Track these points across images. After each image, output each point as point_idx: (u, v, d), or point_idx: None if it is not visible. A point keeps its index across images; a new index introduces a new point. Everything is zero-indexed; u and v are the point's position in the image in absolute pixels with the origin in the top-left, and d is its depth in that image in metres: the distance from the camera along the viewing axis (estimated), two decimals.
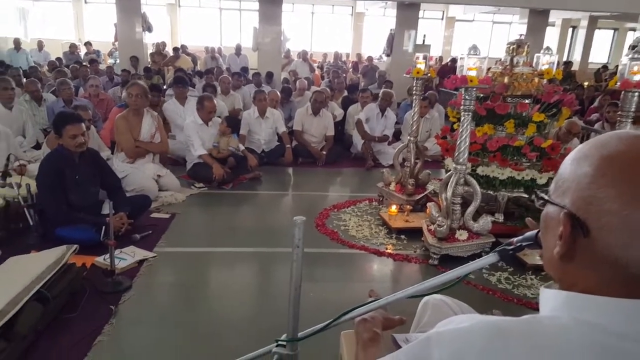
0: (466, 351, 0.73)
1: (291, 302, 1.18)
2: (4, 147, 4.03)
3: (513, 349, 0.70)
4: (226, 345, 2.31)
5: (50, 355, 2.15)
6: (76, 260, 2.81)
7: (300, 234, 1.16)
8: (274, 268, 3.26)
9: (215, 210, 4.32)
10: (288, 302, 1.17)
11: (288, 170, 5.70)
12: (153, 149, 4.55)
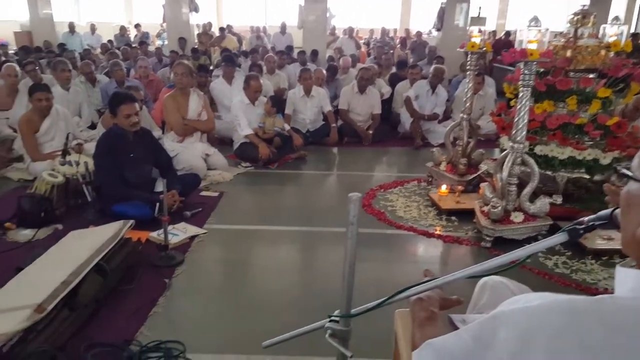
0: (536, 331, 0.68)
1: (345, 278, 1.16)
2: (62, 127, 4.22)
3: (588, 330, 0.65)
4: (275, 320, 2.33)
5: (110, 324, 2.25)
6: (132, 235, 2.91)
7: (355, 211, 1.13)
8: (319, 247, 3.27)
9: (261, 189, 4.36)
10: (342, 279, 1.15)
11: (333, 150, 5.66)
12: (200, 127, 4.62)
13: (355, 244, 1.13)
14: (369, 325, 1.71)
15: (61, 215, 3.41)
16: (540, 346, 0.67)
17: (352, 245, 1.14)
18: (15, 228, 3.16)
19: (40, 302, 1.98)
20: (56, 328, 2.02)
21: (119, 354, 2.03)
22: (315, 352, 2.05)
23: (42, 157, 4.06)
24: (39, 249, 2.74)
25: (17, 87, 5.25)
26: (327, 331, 1.18)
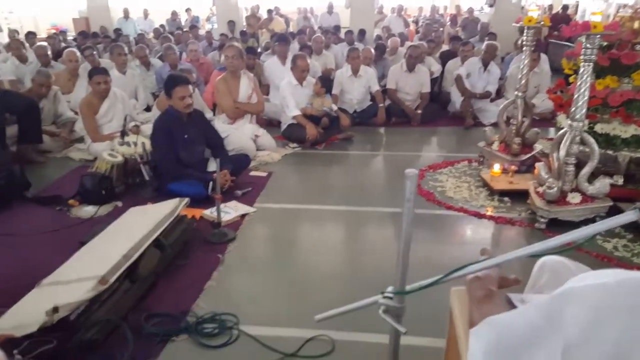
0: (610, 308, 0.66)
1: (400, 255, 1.16)
2: (120, 109, 4.40)
3: None
4: (324, 297, 2.37)
5: (167, 296, 2.36)
6: (186, 212, 3.02)
7: (412, 188, 1.12)
8: (365, 226, 3.27)
9: (309, 170, 4.39)
10: (397, 256, 1.15)
11: (380, 130, 5.60)
12: (250, 109, 4.69)
13: (411, 221, 1.13)
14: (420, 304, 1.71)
15: (120, 193, 3.58)
16: (613, 323, 0.65)
17: (408, 222, 1.13)
18: (78, 205, 3.35)
19: (103, 274, 2.09)
20: (118, 299, 2.14)
21: (177, 324, 2.13)
22: (367, 329, 2.07)
23: (101, 138, 4.25)
24: (100, 225, 2.90)
25: (77, 71, 5.51)
26: (380, 307, 1.19)
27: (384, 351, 1.93)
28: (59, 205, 3.34)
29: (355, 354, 1.99)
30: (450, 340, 1.32)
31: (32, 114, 4.20)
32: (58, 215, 3.24)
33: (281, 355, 1.96)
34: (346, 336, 2.07)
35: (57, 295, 1.95)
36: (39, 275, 2.36)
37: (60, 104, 4.85)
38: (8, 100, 4.05)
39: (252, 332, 2.09)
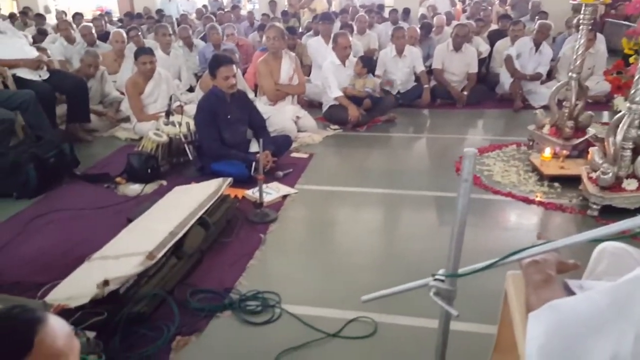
0: None
1: (454, 237, 1.12)
2: (165, 89, 4.47)
3: None
4: (365, 279, 2.35)
5: (212, 273, 2.39)
6: (229, 192, 3.04)
7: (469, 167, 1.06)
8: (407, 210, 3.21)
9: (350, 152, 4.34)
10: (450, 237, 1.11)
11: (424, 112, 5.47)
12: (291, 91, 4.66)
13: (467, 202, 1.08)
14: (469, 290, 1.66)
15: (165, 172, 3.65)
16: None
17: (464, 203, 1.08)
18: (125, 183, 3.43)
19: (151, 250, 2.14)
20: (165, 274, 2.19)
21: (221, 301, 2.16)
22: (411, 313, 2.05)
23: (146, 118, 4.34)
24: (147, 202, 2.97)
25: (123, 52, 5.62)
26: (431, 289, 1.16)
27: (427, 335, 1.92)
28: (107, 182, 3.44)
29: (398, 337, 1.96)
30: (502, 326, 1.28)
31: (81, 93, 4.32)
32: (106, 193, 3.33)
33: (323, 334, 1.96)
34: (389, 319, 2.05)
35: (107, 269, 2.01)
36: (89, 249, 2.43)
37: (107, 84, 4.97)
38: (58, 80, 4.17)
39: (294, 311, 2.10)
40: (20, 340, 0.68)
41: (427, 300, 1.99)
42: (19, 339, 0.68)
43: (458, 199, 1.09)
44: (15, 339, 0.68)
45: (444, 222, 3.00)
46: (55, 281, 2.17)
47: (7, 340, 0.67)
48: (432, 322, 1.97)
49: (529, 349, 0.86)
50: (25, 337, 0.68)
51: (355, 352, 1.89)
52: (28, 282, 2.23)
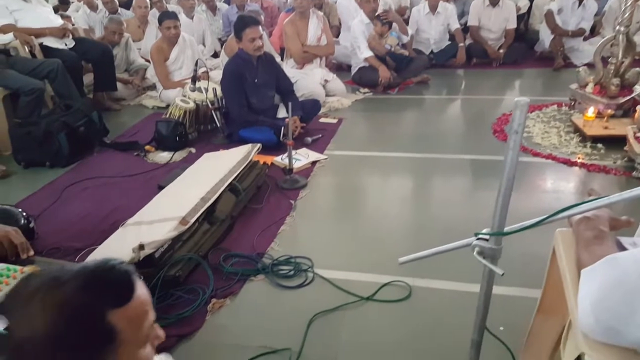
0: None
1: (501, 193, 1.04)
2: (189, 55, 4.41)
3: None
4: (397, 244, 2.31)
5: (244, 238, 2.37)
6: (258, 159, 3.00)
7: (521, 118, 0.97)
8: (440, 174, 3.11)
9: (381, 116, 4.22)
10: (497, 193, 1.04)
11: (459, 73, 5.26)
12: (319, 52, 4.53)
13: (517, 155, 0.99)
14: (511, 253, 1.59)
15: (193, 140, 3.63)
16: None
17: (514, 156, 1.00)
18: (154, 151, 3.43)
19: (183, 216, 2.13)
20: (198, 239, 2.18)
21: (254, 265, 2.15)
22: (450, 277, 2.00)
23: (172, 85, 4.31)
24: (176, 170, 2.96)
25: (147, 18, 5.55)
26: (474, 249, 1.10)
27: (464, 299, 1.87)
28: (137, 150, 3.44)
29: (434, 301, 1.92)
30: (548, 285, 1.22)
31: (107, 61, 4.30)
32: (136, 161, 3.34)
33: (357, 298, 1.93)
34: (424, 283, 2.00)
35: (141, 234, 2.01)
36: (122, 216, 2.47)
37: (132, 51, 4.94)
38: (84, 48, 4.15)
39: (326, 276, 2.07)
40: (125, 288, 0.72)
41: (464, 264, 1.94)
42: (123, 286, 0.72)
43: (507, 152, 1.01)
44: (120, 286, 0.72)
45: (481, 186, 2.89)
46: (92, 246, 2.21)
47: (113, 287, 0.71)
48: (468, 286, 1.93)
49: (583, 305, 0.83)
50: (128, 285, 0.73)
51: (389, 315, 1.86)
52: (66, 247, 2.27)
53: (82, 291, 0.68)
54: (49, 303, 0.67)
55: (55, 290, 0.68)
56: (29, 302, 0.67)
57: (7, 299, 0.73)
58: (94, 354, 0.68)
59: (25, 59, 3.70)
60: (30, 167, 3.25)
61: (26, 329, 0.66)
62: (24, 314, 0.67)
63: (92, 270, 0.72)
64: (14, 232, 1.56)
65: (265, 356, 1.66)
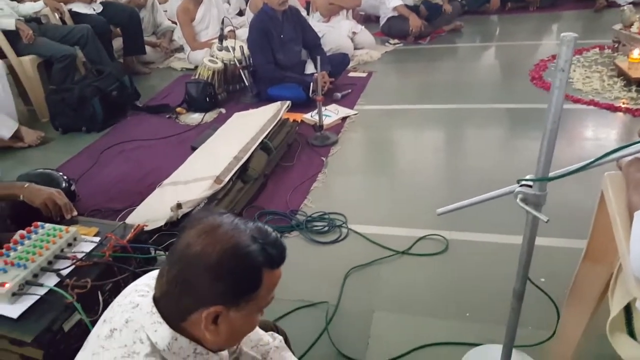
0: None
1: (546, 136, 0.99)
2: (215, 14, 4.35)
3: None
4: (431, 198, 2.27)
5: (277, 196, 2.40)
6: (288, 116, 2.98)
7: (568, 55, 0.91)
8: (475, 124, 3.02)
9: (412, 67, 4.10)
10: (542, 137, 0.99)
11: (493, 19, 5.02)
12: (345, 4, 4.39)
13: (562, 95, 0.94)
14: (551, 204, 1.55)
15: (223, 100, 3.63)
16: None
17: (560, 96, 0.94)
18: (185, 112, 3.46)
19: (218, 174, 2.16)
20: (233, 197, 2.21)
21: (288, 222, 2.17)
22: (488, 229, 1.97)
23: (199, 46, 4.28)
24: (208, 130, 2.98)
25: None
26: (517, 196, 1.06)
27: (504, 250, 1.84)
28: (168, 113, 3.47)
29: (472, 253, 1.90)
30: (595, 232, 1.19)
31: (134, 24, 4.29)
32: (168, 123, 3.37)
33: (392, 252, 1.93)
34: (461, 236, 1.99)
35: (178, 194, 2.06)
36: (158, 177, 2.52)
37: (158, 13, 4.90)
38: (111, 12, 4.15)
39: (361, 231, 2.08)
40: (281, 256, 0.81)
41: (501, 215, 1.91)
42: (280, 254, 0.81)
43: (552, 92, 0.95)
44: (279, 253, 0.81)
45: (519, 135, 2.80)
46: (130, 207, 2.28)
47: (274, 251, 0.80)
48: (507, 238, 1.91)
49: (636, 248, 0.80)
50: (282, 255, 0.82)
51: (427, 268, 1.86)
52: (106, 208, 2.34)
53: (254, 242, 0.77)
54: (227, 239, 0.76)
55: (235, 231, 0.78)
56: (211, 231, 0.77)
57: (189, 218, 0.89)
58: (239, 295, 0.78)
59: (56, 26, 3.73)
60: (67, 132, 3.33)
61: (198, 249, 0.76)
62: (203, 238, 0.76)
63: (264, 231, 0.81)
64: (57, 193, 1.60)
65: (303, 309, 1.70)
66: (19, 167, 2.77)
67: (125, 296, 0.90)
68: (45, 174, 2.31)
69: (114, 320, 0.84)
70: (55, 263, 1.36)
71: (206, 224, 0.79)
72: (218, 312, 0.77)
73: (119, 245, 1.41)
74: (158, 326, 0.79)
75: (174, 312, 0.79)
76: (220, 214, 0.82)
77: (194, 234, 0.78)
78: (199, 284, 0.76)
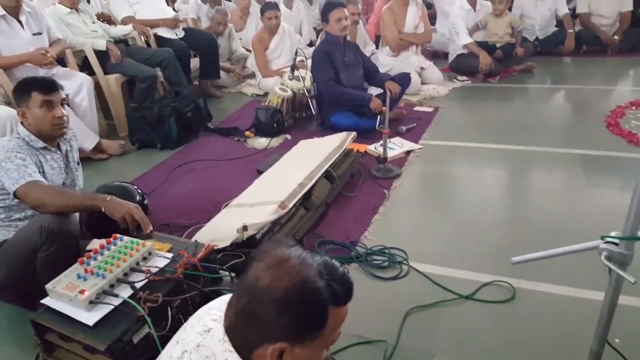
0: None
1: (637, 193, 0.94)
2: (288, 44, 4.52)
3: None
4: (497, 241, 2.19)
5: (338, 225, 2.40)
6: (352, 146, 3.00)
7: None
8: (546, 168, 2.91)
9: (480, 105, 4.04)
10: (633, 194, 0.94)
11: (567, 61, 4.88)
12: (416, 40, 4.42)
13: None
14: None
15: (289, 126, 3.73)
16: None
17: None
18: (253, 136, 3.57)
19: (283, 200, 2.20)
20: (295, 223, 2.24)
21: (347, 253, 2.17)
22: (560, 280, 1.87)
23: (271, 73, 4.44)
24: (274, 155, 3.06)
25: (249, 9, 5.74)
26: (601, 253, 1.01)
27: (577, 305, 1.74)
28: (237, 136, 3.61)
29: (543, 305, 1.80)
30: None
31: (212, 50, 4.53)
32: (236, 145, 3.50)
33: (455, 296, 1.87)
34: (530, 285, 1.89)
35: (243, 216, 2.11)
36: (224, 196, 2.61)
37: (234, 40, 5.15)
38: (192, 38, 4.41)
39: (422, 270, 2.03)
40: (348, 293, 0.84)
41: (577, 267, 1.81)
42: (347, 291, 0.83)
43: None
44: (346, 290, 0.83)
45: (594, 184, 2.67)
46: (197, 224, 2.36)
47: (341, 288, 0.81)
48: (582, 292, 1.80)
49: None
50: (350, 292, 0.84)
51: (492, 316, 1.78)
52: (174, 224, 2.44)
53: (321, 278, 0.78)
54: (294, 274, 0.77)
55: (302, 266, 0.78)
56: (279, 265, 0.78)
57: (258, 249, 0.87)
58: (304, 331, 0.77)
59: (141, 48, 4.01)
60: (143, 147, 3.53)
61: (266, 282, 0.76)
62: (271, 271, 0.77)
63: (332, 266, 0.81)
64: (135, 208, 1.69)
65: (360, 346, 1.66)
66: (97, 178, 2.95)
67: (198, 318, 0.91)
68: (122, 186, 2.45)
69: (185, 342, 0.86)
70: (130, 275, 1.43)
71: (274, 257, 0.80)
72: (283, 348, 0.76)
73: (190, 263, 1.46)
74: (229, 355, 0.80)
75: (242, 343, 0.80)
76: (289, 246, 0.83)
77: (263, 266, 0.78)
78: (265, 317, 0.76)
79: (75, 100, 3.23)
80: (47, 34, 3.28)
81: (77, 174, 2.06)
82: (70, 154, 2.02)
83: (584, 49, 4.97)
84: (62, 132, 1.91)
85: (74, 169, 2.03)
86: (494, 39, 4.44)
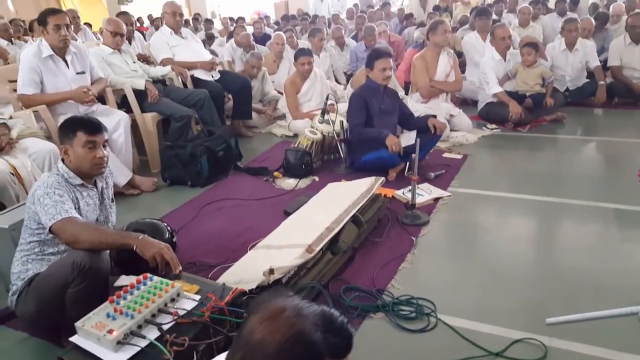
0: None
1: None
2: (319, 88, 4.63)
3: None
4: (530, 296, 2.13)
5: (364, 271, 2.37)
6: (380, 191, 3.00)
7: None
8: (577, 221, 2.84)
9: (509, 154, 4.00)
10: None
11: (598, 112, 4.83)
12: (447, 88, 4.47)
13: None
14: None
15: (317, 169, 3.76)
16: None
17: None
18: (281, 177, 3.62)
19: (310, 243, 2.20)
20: (321, 268, 2.23)
21: (373, 301, 2.13)
22: (594, 341, 1.78)
23: (301, 116, 4.53)
24: (301, 197, 3.09)
25: (282, 53, 5.93)
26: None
27: None
28: (266, 176, 3.66)
29: None
30: None
31: (245, 92, 4.68)
32: (264, 185, 3.54)
33: (485, 352, 1.80)
34: (562, 344, 1.80)
35: (270, 258, 2.11)
36: (251, 236, 2.63)
37: (267, 83, 5.30)
38: (227, 80, 4.58)
39: (451, 323, 1.97)
40: (346, 345, 0.79)
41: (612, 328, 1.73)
42: (346, 343, 0.79)
43: None
44: (344, 342, 0.79)
45: (630, 239, 2.59)
46: (224, 264, 2.37)
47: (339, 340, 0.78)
48: (618, 355, 1.72)
49: None
50: (349, 344, 0.80)
51: None
52: (201, 262, 2.46)
53: (317, 330, 0.75)
54: (288, 327, 0.75)
55: (297, 318, 0.76)
56: (273, 317, 0.76)
57: (255, 301, 0.86)
58: None
59: (178, 89, 4.17)
60: (173, 184, 3.61)
61: (259, 336, 0.75)
62: (264, 325, 0.76)
63: (329, 317, 0.79)
64: (166, 248, 1.72)
65: None
66: (129, 213, 3.02)
67: None
68: (152, 223, 2.48)
69: None
70: (158, 316, 1.44)
71: (269, 309, 0.78)
72: None
73: (217, 307, 1.46)
74: None
75: None
76: (285, 297, 0.81)
77: (257, 319, 0.77)
78: None
79: (112, 137, 3.35)
80: (89, 73, 3.46)
81: (110, 211, 2.12)
82: (105, 191, 2.08)
83: (616, 100, 4.91)
84: (100, 172, 1.98)
85: (108, 206, 2.09)
86: (524, 88, 4.44)
